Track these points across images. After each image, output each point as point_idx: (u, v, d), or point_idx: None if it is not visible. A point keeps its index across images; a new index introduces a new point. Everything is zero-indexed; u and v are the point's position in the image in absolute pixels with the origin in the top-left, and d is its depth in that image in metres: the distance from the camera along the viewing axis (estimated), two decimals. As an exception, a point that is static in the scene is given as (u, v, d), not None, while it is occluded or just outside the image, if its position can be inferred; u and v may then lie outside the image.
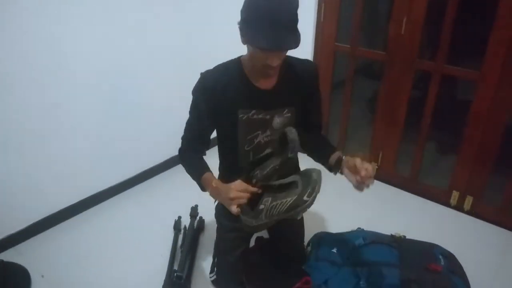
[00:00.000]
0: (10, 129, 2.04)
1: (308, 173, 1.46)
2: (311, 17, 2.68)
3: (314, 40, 2.77)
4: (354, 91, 2.86)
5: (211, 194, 1.56)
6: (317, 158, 1.69)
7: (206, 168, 1.60)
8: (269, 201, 1.42)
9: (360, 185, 1.37)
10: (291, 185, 1.45)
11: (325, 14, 2.67)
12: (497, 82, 2.18)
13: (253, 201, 1.44)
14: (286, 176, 1.49)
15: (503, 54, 2.11)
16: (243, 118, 1.56)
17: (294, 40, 1.32)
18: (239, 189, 1.41)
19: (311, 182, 1.41)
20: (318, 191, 1.41)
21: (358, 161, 1.38)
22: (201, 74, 1.53)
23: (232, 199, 1.38)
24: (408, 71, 2.48)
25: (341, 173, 1.50)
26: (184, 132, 1.66)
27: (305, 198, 1.39)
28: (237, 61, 1.55)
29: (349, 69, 2.77)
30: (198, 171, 1.59)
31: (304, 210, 1.41)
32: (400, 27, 2.40)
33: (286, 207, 1.39)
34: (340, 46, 2.73)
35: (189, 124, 1.64)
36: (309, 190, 1.39)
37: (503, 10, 2.06)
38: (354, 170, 1.38)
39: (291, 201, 1.39)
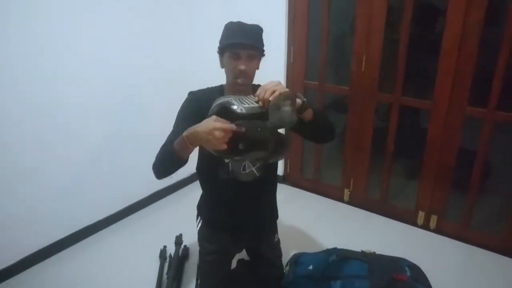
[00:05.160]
0: (7, 165, 2.19)
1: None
2: (282, 59, 2.96)
3: (285, 78, 3.02)
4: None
5: (190, 139, 1.42)
6: None
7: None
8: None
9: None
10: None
11: (294, 55, 2.95)
12: (447, 108, 2.44)
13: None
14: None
15: (450, 84, 2.39)
16: None
17: (257, 43, 1.63)
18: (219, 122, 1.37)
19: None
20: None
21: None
22: (189, 92, 1.75)
23: (215, 127, 1.32)
24: (370, 103, 2.73)
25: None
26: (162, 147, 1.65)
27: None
28: (220, 86, 1.79)
29: (318, 103, 3.01)
30: (169, 146, 1.55)
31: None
32: (361, 65, 2.67)
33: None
34: (309, 83, 2.99)
35: (172, 134, 1.64)
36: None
37: (446, 44, 2.34)
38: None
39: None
